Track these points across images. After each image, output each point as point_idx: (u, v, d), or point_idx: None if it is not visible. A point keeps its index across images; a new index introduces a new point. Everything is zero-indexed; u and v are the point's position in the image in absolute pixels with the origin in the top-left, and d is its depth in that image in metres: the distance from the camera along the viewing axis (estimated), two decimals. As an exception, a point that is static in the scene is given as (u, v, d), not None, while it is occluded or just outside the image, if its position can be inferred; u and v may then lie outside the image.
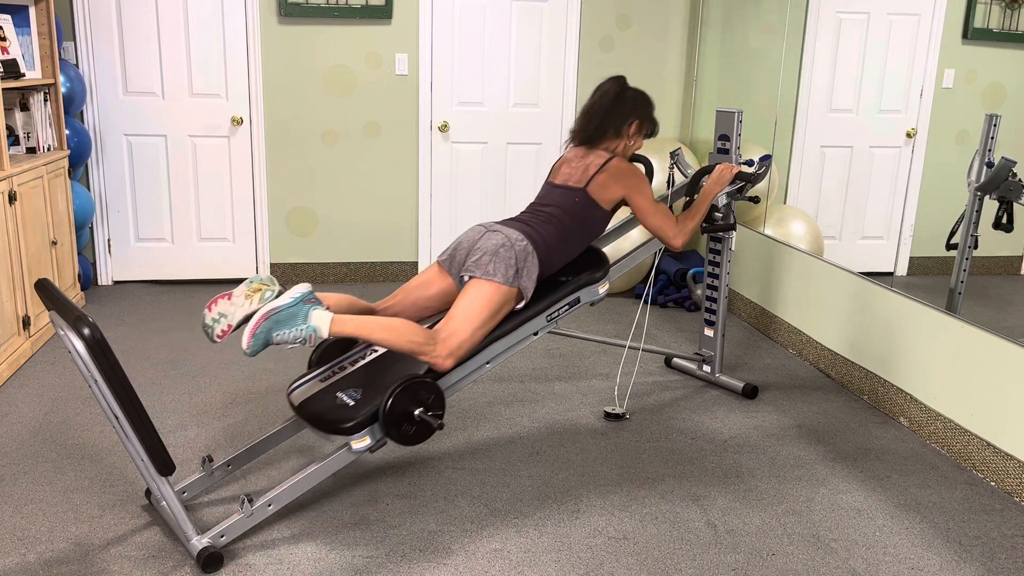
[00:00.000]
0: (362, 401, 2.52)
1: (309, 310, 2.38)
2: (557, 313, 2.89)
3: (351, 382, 2.64)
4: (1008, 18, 3.15)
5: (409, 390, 2.47)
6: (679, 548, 2.55)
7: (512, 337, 2.79)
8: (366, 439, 2.50)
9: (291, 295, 2.37)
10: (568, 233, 2.88)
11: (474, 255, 2.69)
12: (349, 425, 2.46)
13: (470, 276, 2.67)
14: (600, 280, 2.99)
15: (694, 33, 5.32)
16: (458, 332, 2.58)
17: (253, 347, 2.31)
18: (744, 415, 3.49)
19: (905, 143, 3.71)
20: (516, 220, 2.88)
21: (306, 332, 2.36)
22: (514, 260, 2.67)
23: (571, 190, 2.95)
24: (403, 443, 2.51)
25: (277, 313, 2.33)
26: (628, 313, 4.83)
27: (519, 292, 2.72)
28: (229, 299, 2.38)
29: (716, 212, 3.54)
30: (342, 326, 2.40)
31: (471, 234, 2.78)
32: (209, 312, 2.37)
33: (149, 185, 5.02)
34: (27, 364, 3.85)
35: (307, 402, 2.59)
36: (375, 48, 5.03)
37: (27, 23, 4.24)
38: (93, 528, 2.58)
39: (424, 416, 2.50)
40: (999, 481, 2.96)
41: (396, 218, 5.30)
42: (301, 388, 2.67)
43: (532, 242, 2.74)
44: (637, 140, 3.09)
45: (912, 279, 3.67)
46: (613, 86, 3.07)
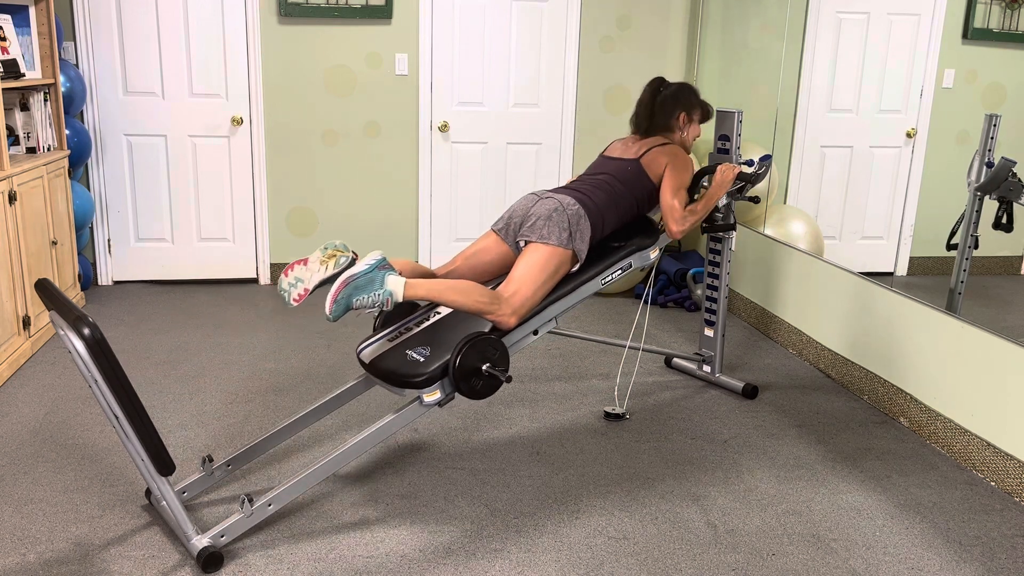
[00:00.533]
0: (431, 357, 2.61)
1: (385, 275, 2.49)
2: (611, 276, 3.00)
3: (418, 341, 2.73)
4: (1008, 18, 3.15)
5: (477, 346, 2.56)
6: (679, 548, 2.55)
7: (570, 298, 2.89)
8: (436, 392, 2.59)
9: (367, 262, 2.49)
10: (619, 198, 3.00)
11: (528, 220, 2.81)
12: (421, 379, 2.55)
13: (527, 241, 2.79)
14: (651, 246, 3.10)
15: (694, 33, 5.32)
16: (520, 292, 2.69)
17: (336, 312, 2.43)
18: (744, 415, 3.49)
19: (905, 143, 3.71)
20: (567, 188, 3.00)
21: (383, 296, 2.47)
22: (567, 223, 2.78)
23: (625, 160, 3.10)
24: (472, 397, 2.59)
25: (356, 279, 2.44)
26: (628, 313, 4.83)
27: (574, 254, 2.82)
28: (305, 264, 2.50)
29: (716, 212, 3.54)
30: (415, 290, 2.51)
31: (524, 202, 2.90)
32: (285, 276, 2.49)
33: (149, 185, 5.02)
34: (27, 364, 3.85)
35: (378, 359, 2.68)
36: (375, 48, 5.03)
37: (27, 23, 4.24)
38: (93, 528, 2.58)
39: (492, 370, 2.58)
40: (999, 481, 2.96)
41: (396, 218, 5.30)
42: (371, 347, 2.75)
43: (584, 206, 2.85)
44: (691, 127, 3.25)
45: (912, 279, 3.67)
46: (650, 88, 3.25)
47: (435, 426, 3.32)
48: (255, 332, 4.35)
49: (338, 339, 4.28)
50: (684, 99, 3.22)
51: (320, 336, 4.31)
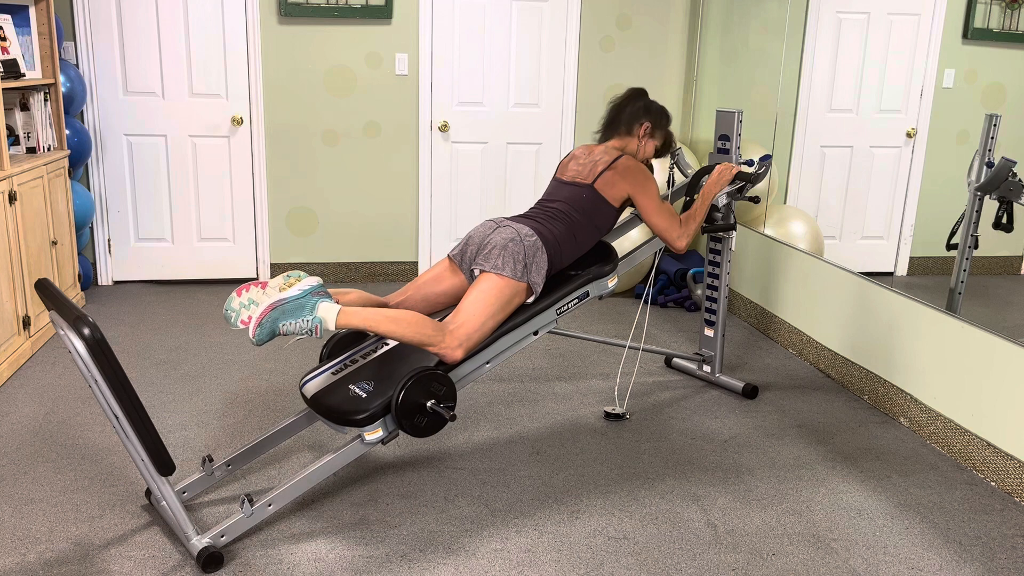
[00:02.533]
0: (375, 393, 2.53)
1: (317, 302, 2.39)
2: (566, 306, 2.91)
3: (363, 374, 2.65)
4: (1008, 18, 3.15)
5: (421, 382, 2.48)
6: (679, 548, 2.55)
7: (521, 330, 2.80)
8: (379, 431, 2.51)
9: (300, 287, 2.39)
10: (577, 229, 2.91)
11: (484, 249, 2.72)
12: (362, 416, 2.47)
13: (480, 270, 2.71)
14: (609, 273, 3.01)
15: (694, 33, 5.32)
16: (467, 323, 2.60)
17: (259, 336, 2.33)
18: (744, 415, 3.49)
19: (905, 143, 3.71)
20: (526, 216, 2.92)
21: (312, 323, 2.37)
22: (523, 255, 2.69)
23: (579, 186, 2.98)
24: (415, 435, 2.52)
25: (284, 304, 2.35)
26: (628, 313, 4.82)
27: (528, 287, 2.74)
28: (263, 288, 2.40)
29: (716, 212, 3.54)
30: (349, 319, 2.42)
31: (481, 229, 2.81)
32: (238, 296, 2.38)
33: (149, 185, 5.02)
34: (27, 364, 3.85)
35: (320, 394, 2.61)
36: (375, 48, 5.03)
37: (27, 23, 4.24)
38: (93, 528, 2.58)
39: (436, 408, 2.51)
40: (999, 481, 2.96)
41: (396, 218, 5.30)
42: (314, 381, 2.68)
43: (541, 237, 2.77)
44: (647, 143, 3.13)
45: (912, 279, 3.67)
46: (633, 90, 3.18)
47: (435, 426, 3.32)
48: (255, 332, 4.35)
49: (338, 339, 4.27)
50: (656, 114, 3.13)
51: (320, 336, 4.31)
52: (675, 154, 3.55)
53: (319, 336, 2.41)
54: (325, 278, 5.31)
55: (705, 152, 5.22)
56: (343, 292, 2.64)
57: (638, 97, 3.16)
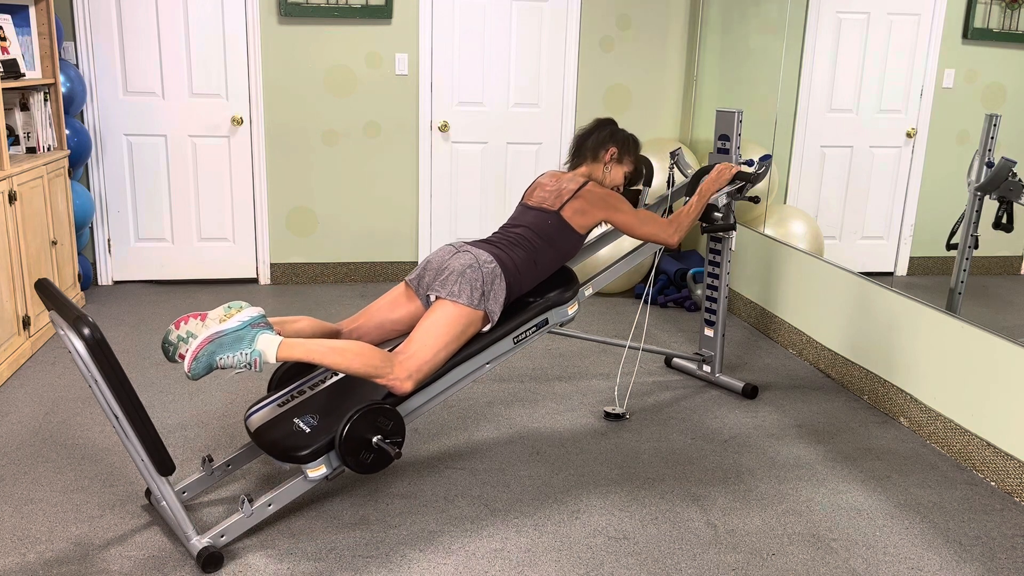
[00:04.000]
0: (319, 428, 2.45)
1: (256, 334, 2.30)
2: (524, 335, 2.81)
3: (309, 407, 2.57)
4: (1008, 18, 3.15)
5: (367, 416, 2.40)
6: (679, 548, 2.55)
7: (476, 360, 2.71)
8: (321, 468, 2.43)
9: (238, 318, 2.29)
10: (539, 255, 2.84)
11: (441, 275, 2.64)
12: (304, 453, 2.40)
13: (436, 296, 2.62)
14: (569, 300, 2.92)
15: (694, 33, 5.32)
16: (418, 353, 2.51)
17: (194, 370, 2.24)
18: (744, 415, 3.49)
19: (905, 143, 3.71)
20: (486, 241, 2.84)
21: (251, 357, 2.28)
22: (480, 282, 2.61)
23: (545, 212, 2.92)
24: (360, 472, 2.44)
25: (222, 336, 2.26)
26: (628, 313, 4.83)
27: (485, 315, 2.66)
28: (202, 320, 2.31)
29: (716, 212, 3.54)
30: (291, 351, 2.32)
31: (440, 254, 2.73)
32: (176, 329, 2.30)
33: (149, 185, 5.02)
34: (27, 364, 3.85)
35: (263, 428, 2.52)
36: (375, 48, 5.03)
37: (27, 23, 4.24)
38: (93, 528, 2.58)
39: (382, 444, 2.42)
40: (999, 481, 2.96)
41: (396, 218, 5.30)
42: (259, 413, 2.60)
43: (501, 264, 2.69)
44: (614, 169, 3.06)
45: (912, 279, 3.67)
46: (600, 119, 3.15)
47: (435, 426, 3.32)
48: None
49: (338, 339, 4.27)
50: (623, 141, 3.08)
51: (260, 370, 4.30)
52: (675, 154, 3.55)
53: (259, 370, 2.31)
54: (325, 278, 5.31)
55: (705, 152, 5.22)
56: (291, 320, 2.54)
57: (604, 125, 3.12)
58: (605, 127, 3.11)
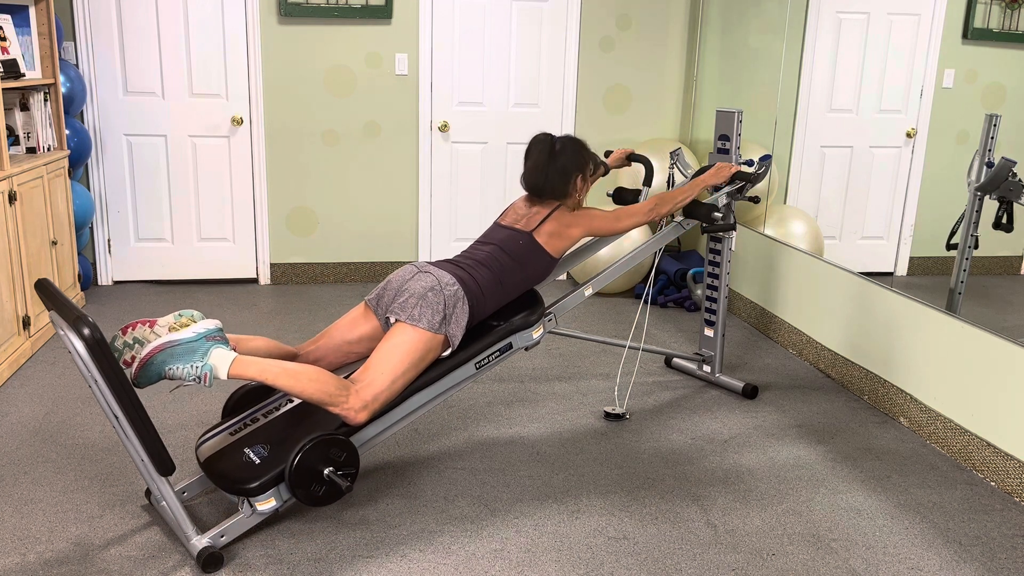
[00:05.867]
0: (269, 459, 2.39)
1: (210, 347, 2.24)
2: (487, 360, 2.72)
3: (261, 436, 2.51)
4: (1008, 18, 3.15)
5: (319, 448, 2.33)
6: (679, 548, 2.55)
7: (436, 387, 2.64)
8: (271, 501, 2.38)
9: (194, 329, 2.24)
10: (506, 276, 2.76)
11: (401, 296, 2.55)
12: (253, 486, 2.35)
13: (396, 319, 2.53)
14: (535, 324, 2.84)
15: (694, 33, 5.32)
16: (375, 383, 2.43)
17: (142, 378, 2.19)
18: (744, 415, 3.49)
19: (905, 143, 3.71)
20: (450, 262, 2.75)
21: (202, 370, 2.21)
22: (442, 306, 2.53)
23: (517, 232, 2.84)
24: (311, 504, 2.39)
25: (175, 346, 2.19)
26: (628, 313, 4.83)
27: (446, 339, 2.58)
28: (151, 327, 2.25)
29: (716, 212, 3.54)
30: (243, 369, 2.25)
31: (401, 273, 2.65)
32: (123, 335, 2.25)
33: (149, 185, 5.02)
34: (27, 364, 3.85)
35: (213, 458, 2.47)
36: (375, 48, 5.03)
37: (27, 23, 4.24)
38: (93, 528, 2.58)
39: (334, 476, 2.36)
40: (999, 481, 2.96)
41: (396, 218, 5.30)
42: (210, 441, 2.55)
43: (464, 286, 2.61)
44: (587, 186, 2.96)
45: (912, 279, 3.67)
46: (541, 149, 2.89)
47: (435, 426, 3.32)
48: (255, 332, 4.35)
49: (338, 339, 4.27)
50: (578, 160, 2.89)
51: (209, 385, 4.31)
52: (675, 154, 3.55)
53: (208, 385, 2.23)
54: (325, 278, 5.31)
55: (705, 152, 5.22)
56: (247, 339, 2.48)
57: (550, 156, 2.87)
58: (555, 162, 2.86)
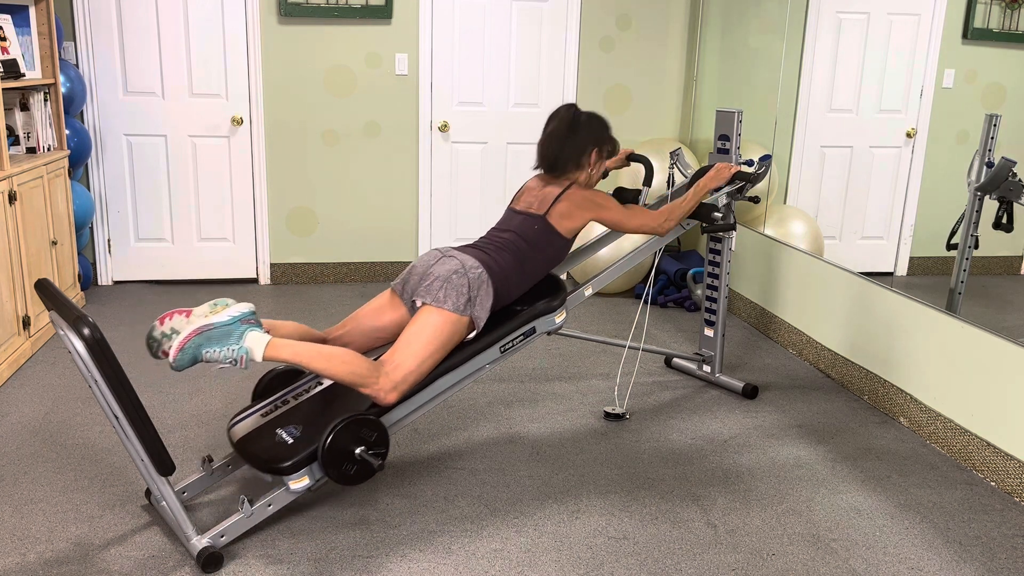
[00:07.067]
0: (302, 439, 2.43)
1: (246, 330, 2.28)
2: (511, 344, 2.76)
3: (293, 417, 2.55)
4: (1008, 18, 3.15)
5: (350, 428, 2.38)
6: (679, 548, 2.55)
7: (462, 370, 2.68)
8: (304, 479, 2.42)
9: (229, 312, 2.27)
10: (526, 261, 2.79)
11: (426, 280, 2.59)
12: (286, 465, 2.38)
13: (422, 302, 2.57)
14: (557, 309, 2.88)
15: (694, 33, 5.32)
16: (403, 364, 2.47)
17: (179, 362, 2.22)
18: (744, 415, 3.49)
19: (905, 143, 3.71)
20: (472, 247, 2.78)
21: (238, 353, 2.26)
22: (467, 288, 2.57)
23: (532, 217, 2.87)
24: (343, 483, 2.43)
25: (210, 330, 2.23)
26: (628, 313, 4.83)
27: (471, 321, 2.61)
28: (187, 316, 2.29)
29: (716, 212, 3.54)
30: (278, 351, 2.30)
31: (426, 258, 2.69)
32: (160, 325, 2.28)
33: (149, 185, 5.02)
34: (27, 364, 3.85)
35: (246, 439, 2.50)
36: (375, 48, 5.03)
37: (27, 23, 4.24)
38: (93, 528, 2.58)
39: (365, 455, 2.41)
40: (999, 481, 2.96)
41: (396, 218, 5.30)
42: (243, 423, 2.58)
43: (488, 270, 2.65)
44: (599, 165, 2.98)
45: (912, 279, 3.67)
46: (566, 114, 2.93)
47: (435, 426, 3.32)
48: (255, 332, 4.35)
49: (338, 339, 4.27)
50: (597, 132, 2.93)
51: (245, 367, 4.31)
52: (675, 154, 3.55)
53: (244, 367, 2.28)
54: (325, 278, 5.31)
55: (705, 152, 5.22)
56: (279, 323, 2.53)
57: (572, 126, 2.90)
58: (575, 130, 2.90)
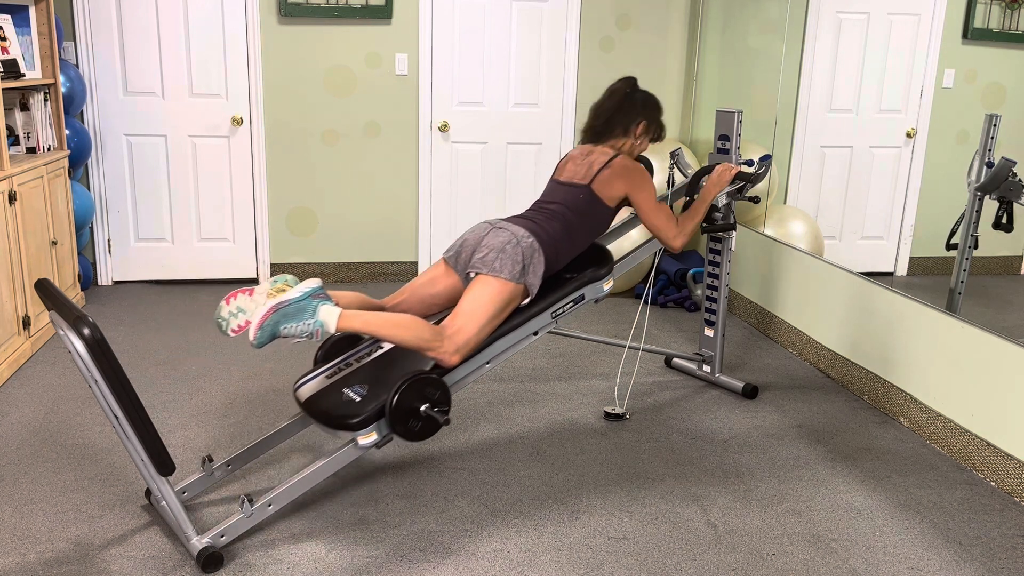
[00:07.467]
0: (368, 397, 2.53)
1: (318, 305, 2.38)
2: (562, 310, 2.89)
3: (357, 378, 2.65)
4: (1008, 18, 3.15)
5: (415, 386, 2.47)
6: (679, 548, 2.55)
7: (517, 334, 2.79)
8: (372, 435, 2.50)
9: (300, 289, 2.39)
10: (573, 229, 2.89)
11: (480, 252, 2.70)
12: (356, 421, 2.46)
13: (476, 273, 2.68)
14: (605, 277, 2.99)
15: (694, 33, 5.32)
16: (464, 328, 2.59)
17: (259, 339, 2.33)
18: (744, 415, 3.49)
19: (905, 143, 3.71)
20: (521, 217, 2.88)
21: (313, 327, 2.37)
22: (520, 257, 2.67)
23: (576, 187, 2.96)
24: (409, 439, 2.51)
25: (285, 307, 2.34)
26: (628, 313, 4.83)
27: (525, 289, 2.73)
28: (250, 295, 2.39)
29: (716, 212, 3.54)
30: (350, 322, 2.41)
31: (477, 231, 2.79)
32: (227, 305, 2.38)
33: (149, 185, 5.02)
34: (27, 364, 3.85)
35: (313, 398, 2.60)
36: (375, 48, 5.03)
37: (27, 23, 4.24)
38: (93, 528, 2.58)
39: (430, 412, 2.50)
40: (999, 481, 2.96)
41: (396, 218, 5.30)
42: (308, 384, 2.68)
43: (538, 239, 2.75)
44: (643, 141, 3.11)
45: (912, 279, 3.67)
46: (624, 86, 3.10)
47: (435, 426, 3.32)
48: (255, 332, 4.35)
49: (338, 339, 4.28)
50: (652, 110, 3.09)
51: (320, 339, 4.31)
52: (675, 154, 3.55)
53: (319, 339, 2.40)
54: (325, 278, 5.31)
55: (705, 152, 5.22)
56: (340, 294, 2.62)
57: (629, 95, 3.08)
58: (630, 98, 3.07)
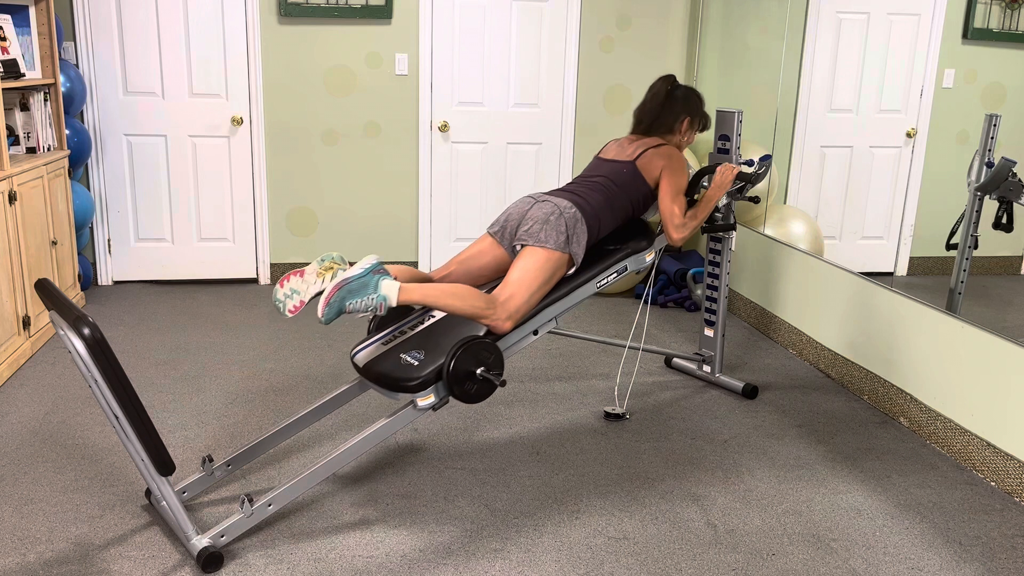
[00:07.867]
0: (426, 361, 2.61)
1: (379, 280, 2.48)
2: (605, 280, 3.00)
3: (413, 345, 2.73)
4: (1008, 18, 3.15)
5: (471, 350, 2.56)
6: (679, 548, 2.55)
7: (564, 302, 2.90)
8: (431, 396, 2.59)
9: (361, 266, 2.49)
10: (616, 200, 3.00)
11: (526, 224, 2.81)
12: (415, 383, 2.55)
13: (523, 245, 2.80)
14: (646, 248, 3.09)
15: (694, 33, 5.32)
16: (516, 296, 2.70)
17: (327, 315, 2.43)
18: (744, 415, 3.49)
19: (905, 143, 3.71)
20: (563, 190, 3.00)
21: (377, 301, 2.46)
22: (564, 227, 2.78)
23: (620, 163, 3.10)
24: (465, 400, 2.59)
25: (349, 283, 2.44)
26: (628, 313, 4.82)
27: (570, 258, 2.83)
28: (301, 276, 2.50)
29: (716, 212, 3.54)
30: (409, 294, 2.52)
31: (520, 205, 2.90)
32: (281, 288, 2.50)
33: (149, 185, 5.02)
34: (27, 364, 3.85)
35: (372, 363, 2.68)
36: (375, 48, 5.03)
37: (27, 23, 4.24)
38: (93, 528, 2.58)
39: (486, 375, 2.58)
40: (999, 481, 2.96)
41: (396, 218, 5.30)
42: (365, 351, 2.75)
43: (581, 209, 2.85)
44: (690, 135, 3.26)
45: (912, 279, 3.67)
46: (663, 85, 3.24)
47: (435, 426, 3.32)
48: (255, 332, 4.35)
49: (338, 339, 4.28)
50: (693, 104, 3.24)
51: (320, 336, 4.31)
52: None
53: (382, 312, 2.49)
54: (325, 278, 5.30)
55: (705, 152, 5.22)
56: (395, 269, 2.73)
57: (670, 93, 3.22)
58: (673, 96, 3.21)
